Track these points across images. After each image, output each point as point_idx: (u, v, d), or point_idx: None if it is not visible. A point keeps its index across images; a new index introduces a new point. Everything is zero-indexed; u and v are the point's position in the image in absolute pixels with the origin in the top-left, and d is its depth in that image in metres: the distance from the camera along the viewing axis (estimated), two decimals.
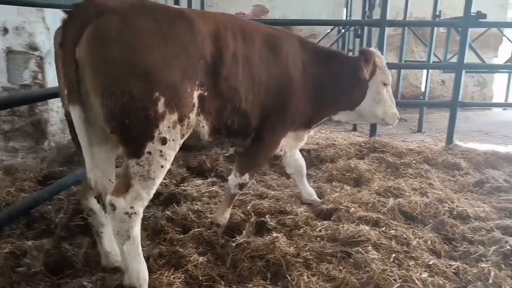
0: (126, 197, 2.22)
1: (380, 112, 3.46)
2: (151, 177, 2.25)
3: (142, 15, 2.18)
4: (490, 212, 3.49)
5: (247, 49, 2.69)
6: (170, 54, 2.18)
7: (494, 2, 8.33)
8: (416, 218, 3.39)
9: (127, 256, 2.30)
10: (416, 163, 4.76)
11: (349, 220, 3.28)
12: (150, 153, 2.21)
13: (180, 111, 2.25)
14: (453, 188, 4.21)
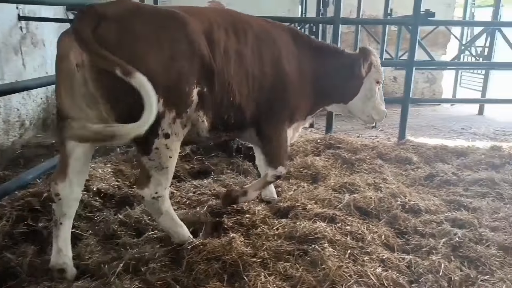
0: (150, 186, 2.61)
1: (370, 108, 3.59)
2: (164, 166, 2.59)
3: (139, 21, 2.36)
4: (440, 205, 3.61)
5: (239, 44, 2.84)
6: (167, 57, 2.37)
7: (441, 1, 8.67)
8: (370, 213, 3.45)
9: (166, 225, 2.82)
10: (371, 159, 4.86)
11: (306, 218, 3.29)
12: (158, 149, 2.50)
13: (178, 108, 2.49)
14: (405, 182, 4.33)
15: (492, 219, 3.45)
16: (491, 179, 4.24)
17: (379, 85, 3.56)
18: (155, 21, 2.42)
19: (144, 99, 2.13)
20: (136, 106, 2.15)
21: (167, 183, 2.70)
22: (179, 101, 2.49)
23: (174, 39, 2.44)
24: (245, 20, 3.04)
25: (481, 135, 6.45)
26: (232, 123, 2.94)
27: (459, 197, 3.82)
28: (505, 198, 3.92)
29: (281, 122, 3.25)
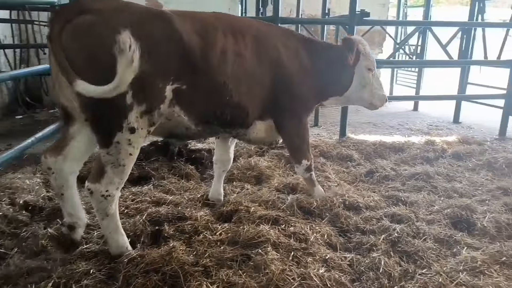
0: (101, 183, 2.55)
1: (367, 96, 3.65)
2: (121, 164, 2.54)
3: (120, 15, 2.43)
4: (379, 201, 3.69)
5: (238, 45, 2.92)
6: (142, 52, 2.29)
7: (376, 2, 8.98)
8: (313, 212, 3.46)
9: (107, 230, 2.70)
10: (313, 157, 4.88)
11: (249, 221, 3.24)
12: (119, 143, 2.48)
13: (148, 103, 2.50)
14: (347, 179, 4.41)
15: (428, 212, 3.58)
16: (426, 173, 4.42)
17: (372, 72, 3.61)
18: (136, 18, 2.48)
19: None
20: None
21: (120, 183, 2.64)
22: (150, 96, 2.51)
23: (152, 36, 2.49)
24: (244, 23, 3.20)
25: (416, 130, 6.74)
26: (228, 120, 3.01)
27: (397, 192, 3.94)
28: (439, 191, 4.09)
29: (296, 115, 3.40)
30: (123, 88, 2.29)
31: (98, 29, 2.36)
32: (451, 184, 4.26)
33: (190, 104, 2.76)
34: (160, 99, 2.58)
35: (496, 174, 4.65)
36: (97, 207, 2.65)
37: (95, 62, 2.34)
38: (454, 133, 6.39)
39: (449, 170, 4.71)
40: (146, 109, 2.51)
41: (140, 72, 2.33)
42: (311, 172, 3.63)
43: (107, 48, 2.23)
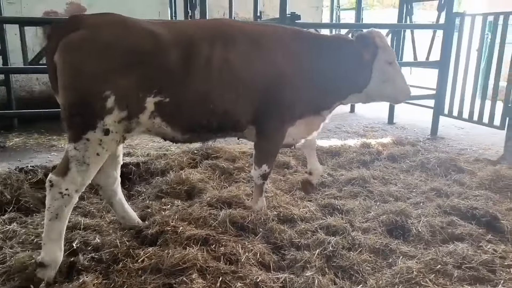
0: (65, 179, 2.56)
1: (389, 91, 3.44)
2: (86, 162, 2.58)
3: (111, 31, 2.61)
4: (315, 210, 3.55)
5: (228, 52, 2.90)
6: (126, 64, 2.57)
7: (310, 4, 8.97)
8: (247, 227, 3.24)
9: (48, 234, 2.59)
10: (249, 166, 4.70)
11: (176, 243, 2.97)
12: (88, 140, 2.56)
13: (129, 111, 2.64)
14: (283, 188, 4.25)
15: (364, 220, 3.48)
16: (362, 177, 4.36)
17: (392, 65, 3.39)
18: (124, 33, 2.64)
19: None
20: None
21: (81, 186, 2.64)
22: (131, 104, 2.64)
23: (137, 51, 2.62)
24: (237, 28, 3.11)
25: (352, 133, 6.75)
26: (215, 127, 3.03)
27: (334, 200, 3.82)
28: (375, 196, 4.04)
29: (281, 122, 3.27)
30: None
31: (87, 44, 2.54)
32: (387, 188, 4.23)
33: (172, 116, 2.83)
34: (139, 109, 2.70)
35: (430, 175, 4.69)
36: (51, 204, 2.57)
37: (83, 75, 2.52)
38: (389, 134, 6.46)
39: (384, 172, 4.70)
40: (126, 116, 2.65)
41: (126, 82, 2.57)
42: (265, 181, 3.47)
43: (95, 62, 2.52)
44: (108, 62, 2.56)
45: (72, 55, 2.54)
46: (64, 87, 2.55)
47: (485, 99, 5.91)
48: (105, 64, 2.55)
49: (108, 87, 2.54)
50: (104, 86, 2.54)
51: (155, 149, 5.39)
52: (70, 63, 2.54)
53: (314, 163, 3.94)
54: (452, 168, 4.78)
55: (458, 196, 3.99)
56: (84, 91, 2.53)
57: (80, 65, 2.53)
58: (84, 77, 2.52)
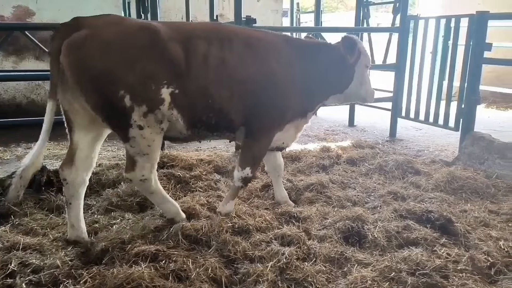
0: (136, 170, 2.97)
1: (363, 92, 3.68)
2: (145, 152, 2.94)
3: (111, 29, 2.76)
4: (271, 220, 3.45)
5: (223, 52, 3.06)
6: (131, 60, 2.74)
7: (269, 8, 8.92)
8: (200, 240, 3.11)
9: (157, 203, 3.25)
10: (207, 174, 4.58)
11: (124, 260, 2.81)
12: (134, 137, 2.87)
13: (148, 104, 2.82)
14: (242, 196, 4.13)
15: (321, 227, 3.42)
16: (321, 182, 4.31)
17: (367, 69, 3.67)
18: (125, 30, 2.83)
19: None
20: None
21: (152, 166, 3.03)
22: (146, 98, 2.81)
23: (140, 46, 2.80)
24: (232, 31, 3.28)
25: (313, 137, 6.74)
26: (213, 124, 3.16)
27: (291, 208, 3.74)
28: (333, 201, 3.99)
29: (271, 125, 3.37)
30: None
31: (90, 42, 2.68)
32: (345, 192, 4.20)
33: (183, 108, 2.99)
34: (157, 101, 2.86)
35: (388, 177, 4.71)
36: (142, 189, 3.17)
37: (87, 73, 2.69)
38: (349, 137, 6.50)
39: (343, 177, 4.67)
40: (148, 110, 2.84)
41: (132, 77, 2.74)
42: (243, 185, 3.55)
43: (97, 60, 2.68)
44: (114, 61, 2.73)
45: (76, 54, 2.69)
46: (82, 90, 2.75)
47: (440, 101, 6.02)
48: (112, 64, 2.72)
49: (119, 86, 2.74)
50: (116, 86, 2.74)
51: (108, 158, 5.16)
52: (76, 64, 2.70)
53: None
54: (409, 170, 4.81)
55: (414, 199, 4.01)
56: (103, 93, 2.75)
57: (87, 65, 2.70)
58: (97, 78, 2.71)
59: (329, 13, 29.38)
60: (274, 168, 3.93)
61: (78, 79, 2.71)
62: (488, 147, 4.70)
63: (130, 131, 2.85)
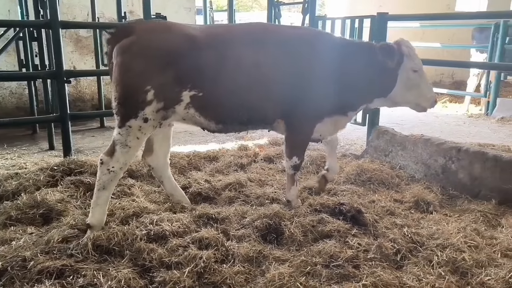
0: (112, 158, 3.18)
1: (413, 97, 3.63)
2: (128, 145, 3.15)
3: (155, 37, 3.16)
4: (188, 223, 3.35)
5: (258, 54, 3.28)
6: (164, 64, 3.08)
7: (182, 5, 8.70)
8: (113, 250, 2.94)
9: (96, 200, 3.23)
10: (120, 179, 4.34)
11: (25, 280, 2.59)
12: (130, 127, 3.12)
13: (165, 102, 3.13)
14: (158, 200, 3.99)
15: (239, 226, 3.40)
16: (239, 181, 4.31)
17: (418, 73, 3.55)
18: (167, 38, 3.15)
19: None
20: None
21: (125, 163, 3.22)
22: (167, 97, 3.12)
23: (176, 53, 3.10)
24: (268, 30, 3.57)
25: (231, 135, 6.72)
26: (246, 120, 3.42)
27: (209, 209, 3.68)
28: (251, 200, 4.01)
29: (308, 118, 3.59)
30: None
31: (134, 47, 3.05)
32: (263, 190, 4.23)
33: (205, 108, 3.27)
34: (176, 101, 3.19)
35: (303, 173, 4.85)
36: (100, 177, 3.20)
37: (125, 72, 3.04)
38: (266, 135, 6.58)
39: (261, 174, 4.72)
40: (163, 107, 3.14)
41: (163, 79, 3.07)
42: (296, 172, 3.79)
43: (139, 62, 3.04)
44: (149, 62, 3.07)
45: (123, 56, 3.04)
46: (116, 83, 3.09)
47: None
48: (147, 64, 3.06)
49: (149, 83, 3.05)
50: (146, 82, 3.05)
51: (6, 167, 4.69)
52: (121, 63, 3.04)
53: (333, 161, 4.16)
54: (323, 165, 5.00)
55: (327, 192, 4.17)
56: (130, 86, 3.07)
57: (128, 65, 3.05)
58: (131, 75, 3.05)
59: (244, 12, 29.72)
60: (331, 143, 4.11)
61: (117, 74, 3.06)
62: (391, 140, 5.04)
63: (130, 120, 3.10)
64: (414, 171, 4.76)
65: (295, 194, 3.84)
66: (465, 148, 4.28)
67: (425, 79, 3.62)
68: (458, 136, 5.76)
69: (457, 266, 2.81)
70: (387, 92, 3.63)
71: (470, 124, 7.90)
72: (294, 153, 3.70)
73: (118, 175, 3.24)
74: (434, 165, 4.55)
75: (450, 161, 4.38)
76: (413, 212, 3.83)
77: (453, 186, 4.36)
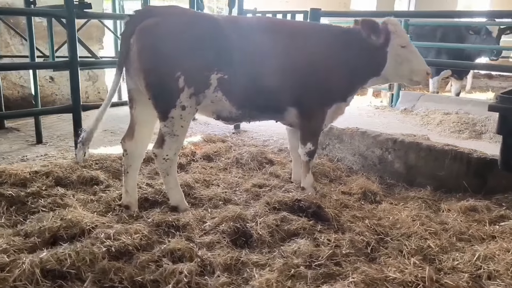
0: (163, 148, 3.38)
1: (406, 72, 3.73)
2: (175, 134, 3.34)
3: (180, 19, 3.28)
4: (149, 233, 3.04)
5: (273, 42, 3.53)
6: (192, 47, 3.19)
7: None
8: (68, 274, 2.54)
9: (168, 185, 3.55)
10: (47, 189, 3.79)
11: None
12: (173, 118, 3.27)
13: (195, 87, 3.26)
14: (99, 209, 3.55)
15: (202, 232, 3.19)
16: (187, 183, 4.06)
17: (407, 48, 3.67)
18: (189, 20, 3.29)
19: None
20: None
21: (177, 149, 3.45)
22: (197, 81, 3.26)
23: (201, 35, 3.24)
24: (281, 23, 3.98)
25: None
26: (263, 105, 3.65)
27: (164, 216, 3.38)
28: (204, 201, 3.80)
29: (319, 105, 3.76)
30: None
31: (161, 28, 3.16)
32: (212, 191, 4.04)
33: (230, 91, 3.41)
34: (206, 84, 3.31)
35: (245, 170, 4.76)
36: (160, 167, 3.47)
37: (153, 54, 3.13)
38: (196, 132, 6.33)
39: (204, 174, 4.51)
40: (194, 92, 3.25)
41: (190, 62, 3.18)
42: (311, 158, 3.96)
43: (165, 44, 3.14)
44: (177, 46, 3.15)
45: (147, 38, 3.11)
46: (143, 69, 3.13)
47: None
48: (175, 48, 3.14)
49: (178, 68, 3.13)
50: (175, 68, 3.12)
51: None
52: (146, 46, 3.12)
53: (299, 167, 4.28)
54: (264, 161, 4.96)
55: (279, 189, 4.12)
56: (160, 73, 3.14)
57: (154, 48, 3.12)
58: (159, 59, 3.12)
59: (161, 1, 28.48)
60: (293, 148, 4.26)
61: (144, 59, 3.12)
62: (329, 133, 5.18)
63: (171, 111, 3.22)
64: (351, 163, 4.97)
65: (310, 182, 4.00)
66: (400, 139, 4.57)
67: (415, 53, 3.74)
68: (375, 126, 6.12)
69: (425, 254, 2.97)
70: (379, 71, 3.79)
71: (379, 115, 8.52)
72: (308, 139, 3.86)
73: (174, 160, 3.44)
74: (371, 156, 4.78)
75: (387, 152, 4.65)
76: (363, 203, 3.97)
77: (390, 175, 4.64)
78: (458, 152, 4.17)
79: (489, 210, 3.60)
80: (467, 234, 3.24)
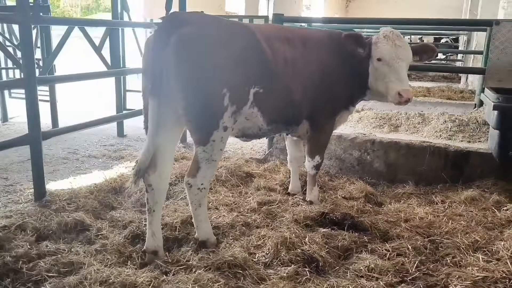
0: (197, 177, 2.98)
1: (382, 89, 3.45)
2: (213, 159, 2.98)
3: (217, 29, 2.93)
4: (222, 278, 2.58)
5: (293, 52, 3.33)
6: (235, 59, 2.89)
7: None
8: None
9: (198, 218, 3.12)
10: (34, 247, 2.93)
11: None
12: (214, 141, 2.91)
13: (237, 104, 2.95)
14: (113, 262, 2.93)
15: (262, 266, 2.86)
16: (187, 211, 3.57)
17: (382, 63, 3.38)
18: (230, 29, 3.01)
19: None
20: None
21: (212, 177, 3.12)
22: (239, 98, 2.96)
23: (244, 46, 2.96)
24: (294, 32, 3.53)
25: (93, 157, 5.41)
26: (291, 118, 3.49)
27: (216, 256, 2.90)
28: (224, 229, 3.41)
29: (330, 116, 3.72)
30: None
31: (201, 40, 2.76)
32: (218, 215, 3.64)
33: (264, 105, 3.18)
34: (245, 100, 3.04)
35: (231, 188, 4.43)
36: (193, 199, 3.05)
37: (195, 70, 2.75)
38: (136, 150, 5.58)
39: None
40: (236, 109, 2.95)
41: (235, 77, 2.88)
42: (317, 171, 3.91)
43: (208, 57, 2.78)
44: (223, 59, 2.83)
45: (189, 50, 2.72)
46: (184, 87, 2.76)
47: None
48: (222, 62, 2.82)
49: (225, 84, 2.82)
50: (222, 84, 2.81)
51: None
52: (187, 59, 2.72)
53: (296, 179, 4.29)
54: (243, 175, 4.69)
55: (287, 204, 3.93)
56: (205, 91, 2.79)
57: (198, 61, 2.75)
58: (204, 74, 2.76)
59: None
60: (295, 158, 4.19)
61: (185, 76, 2.75)
62: None
63: (214, 133, 2.88)
64: (328, 167, 5.02)
65: (316, 195, 3.95)
66: (378, 140, 4.80)
67: (395, 70, 3.31)
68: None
69: (477, 247, 3.15)
70: (368, 83, 3.53)
71: None
72: (317, 153, 3.78)
73: (207, 189, 3.08)
74: (349, 159, 4.92)
75: (366, 153, 4.83)
76: (372, 206, 4.04)
77: (369, 175, 4.84)
78: (436, 147, 4.57)
79: (485, 198, 4.01)
80: (488, 222, 3.55)
